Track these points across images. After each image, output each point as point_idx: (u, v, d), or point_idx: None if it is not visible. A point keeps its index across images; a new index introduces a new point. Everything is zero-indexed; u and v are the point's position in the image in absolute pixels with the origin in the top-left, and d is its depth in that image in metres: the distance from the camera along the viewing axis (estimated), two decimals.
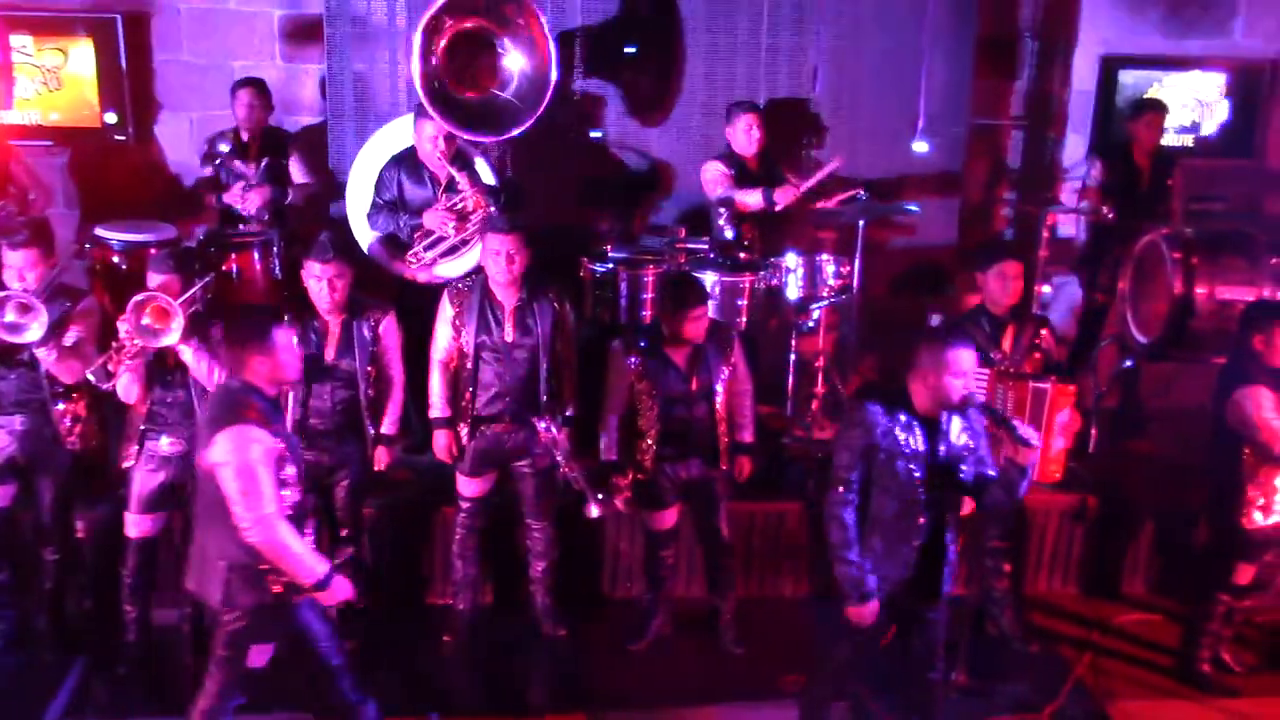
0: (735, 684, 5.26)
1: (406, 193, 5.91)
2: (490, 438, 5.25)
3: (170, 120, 6.88)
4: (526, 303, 5.17)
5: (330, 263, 4.90)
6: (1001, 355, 5.26)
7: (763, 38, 7.01)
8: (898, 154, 6.99)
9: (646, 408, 5.17)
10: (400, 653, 5.44)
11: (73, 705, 5.04)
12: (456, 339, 5.18)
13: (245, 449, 3.89)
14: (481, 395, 5.20)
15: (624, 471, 5.25)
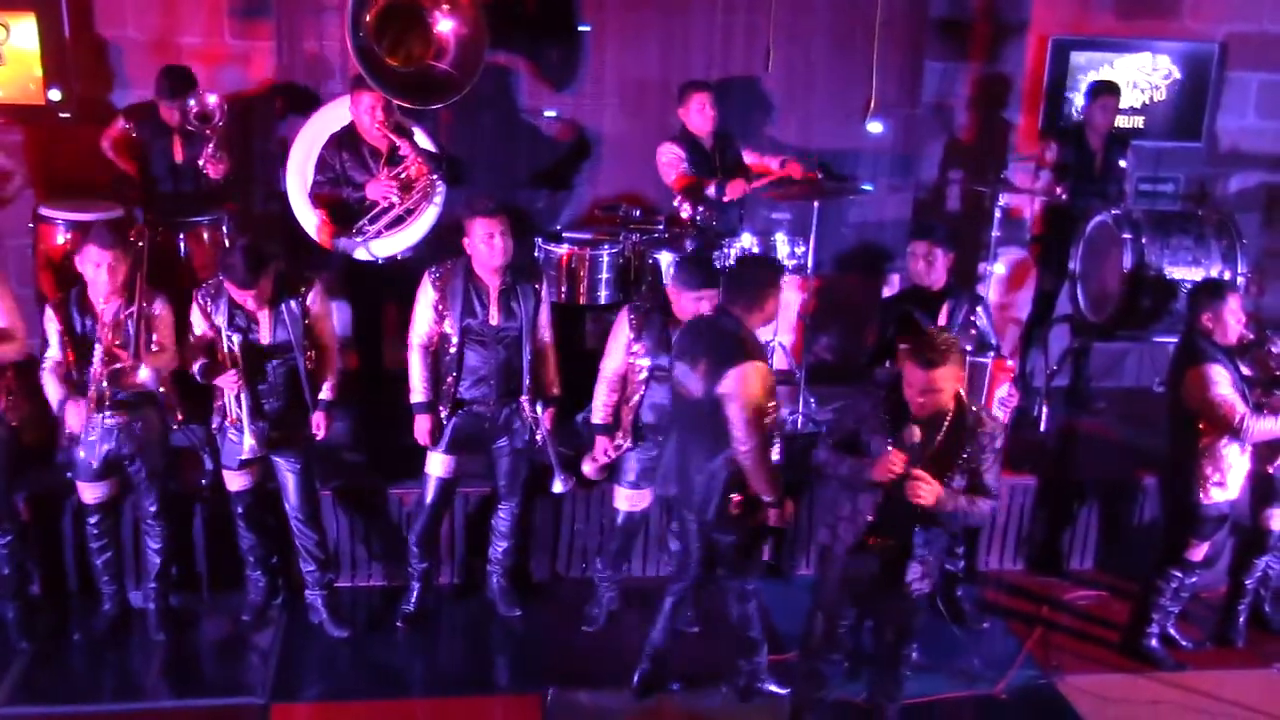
0: (689, 664, 5.27)
1: (349, 170, 5.86)
2: (471, 418, 5.23)
3: (117, 98, 6.75)
4: (510, 286, 5.15)
5: (251, 286, 4.84)
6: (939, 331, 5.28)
7: (717, 17, 6.98)
8: (851, 134, 6.99)
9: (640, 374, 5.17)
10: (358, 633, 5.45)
11: (15, 695, 5.00)
12: (439, 323, 5.14)
13: (753, 384, 4.36)
14: (465, 379, 5.18)
15: (613, 435, 5.25)
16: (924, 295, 5.38)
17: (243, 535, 5.36)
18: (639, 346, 5.16)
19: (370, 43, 5.75)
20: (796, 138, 7.10)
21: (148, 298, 4.95)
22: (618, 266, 6.23)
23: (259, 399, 5.03)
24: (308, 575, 5.42)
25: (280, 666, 5.23)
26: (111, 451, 5.00)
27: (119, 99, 6.66)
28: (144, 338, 4.88)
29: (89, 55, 6.65)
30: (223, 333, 4.95)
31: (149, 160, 6.12)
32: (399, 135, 5.78)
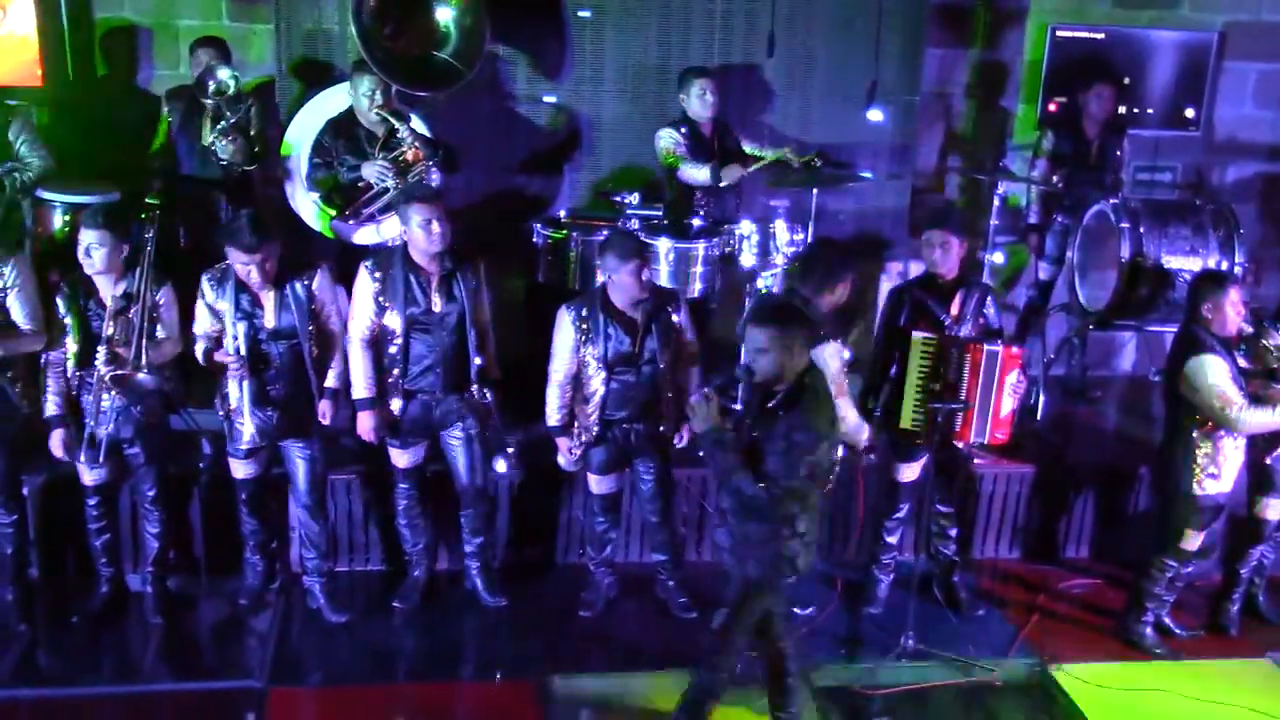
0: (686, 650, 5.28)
1: (344, 154, 5.87)
2: (419, 406, 5.23)
3: (114, 80, 6.72)
4: (451, 271, 5.14)
5: (256, 250, 4.85)
6: (951, 320, 5.29)
7: (717, 3, 6.97)
8: (851, 121, 6.98)
9: (593, 372, 5.16)
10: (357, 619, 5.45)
11: (14, 676, 5.01)
12: (381, 314, 5.12)
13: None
14: (412, 368, 5.17)
15: (571, 434, 5.26)
16: (936, 284, 5.36)
17: (245, 520, 5.36)
18: (587, 346, 5.13)
19: (372, 27, 5.73)
20: (796, 125, 7.09)
21: (152, 285, 4.93)
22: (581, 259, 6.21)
23: (265, 385, 5.02)
24: (308, 562, 5.43)
25: (278, 650, 5.23)
26: (111, 436, 5.00)
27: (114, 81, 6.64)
28: (147, 337, 4.84)
29: (86, 38, 6.61)
30: (228, 316, 4.94)
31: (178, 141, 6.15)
32: (397, 120, 5.77)
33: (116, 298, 4.89)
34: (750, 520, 4.17)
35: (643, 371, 5.17)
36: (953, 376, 5.19)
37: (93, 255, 4.81)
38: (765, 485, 4.02)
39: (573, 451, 5.28)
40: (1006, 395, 5.22)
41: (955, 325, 5.29)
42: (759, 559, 4.22)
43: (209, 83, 5.91)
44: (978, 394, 5.17)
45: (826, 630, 5.50)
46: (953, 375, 5.19)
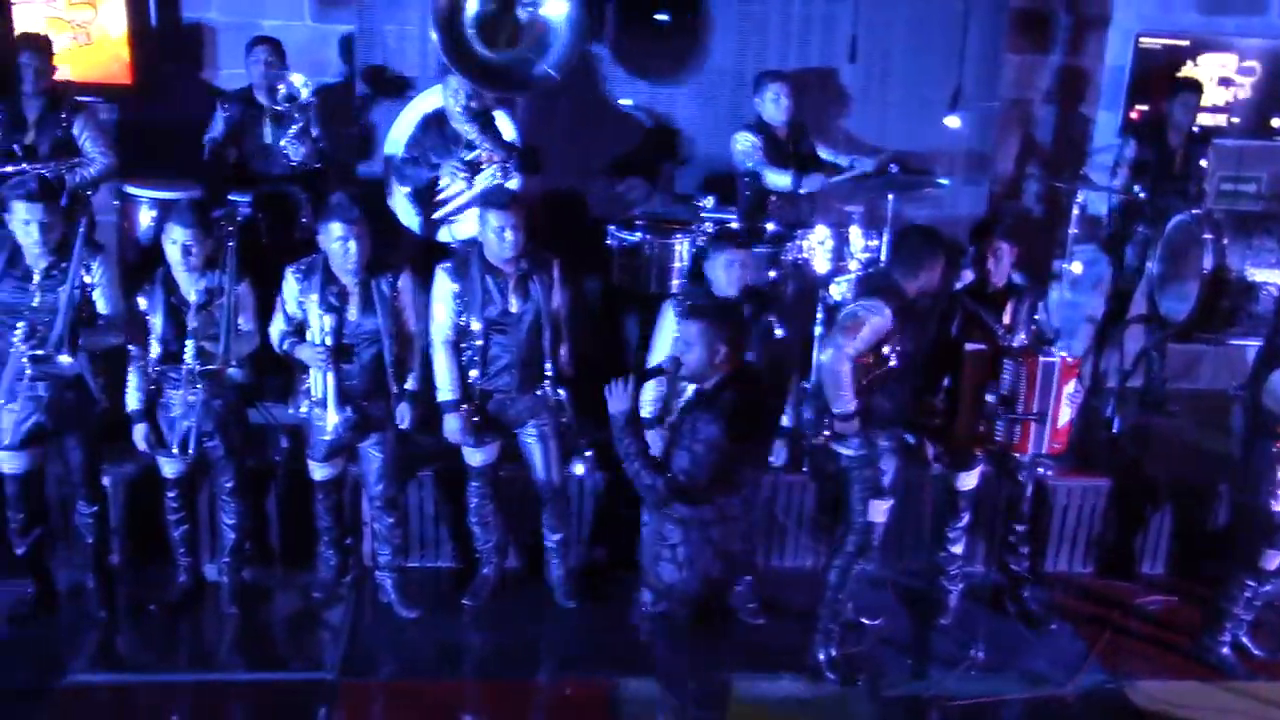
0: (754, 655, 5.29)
1: (430, 153, 5.94)
2: (494, 405, 5.27)
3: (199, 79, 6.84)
4: (527, 272, 5.17)
5: (352, 222, 4.92)
6: (1004, 329, 5.23)
7: (795, 6, 6.95)
8: (929, 127, 6.92)
9: None
10: (428, 615, 5.50)
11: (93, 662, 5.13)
12: (460, 316, 5.16)
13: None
14: (489, 368, 5.21)
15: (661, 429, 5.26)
16: (987, 292, 5.30)
17: (319, 516, 5.44)
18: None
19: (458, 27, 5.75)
20: (872, 130, 7.04)
21: (236, 280, 5.01)
22: (693, 256, 6.22)
23: (345, 381, 5.07)
24: (380, 558, 5.49)
25: (350, 643, 5.30)
26: (192, 428, 5.08)
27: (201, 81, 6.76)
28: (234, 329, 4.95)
29: (173, 36, 6.74)
30: (314, 309, 5.01)
31: (241, 141, 6.22)
32: (479, 121, 5.81)
33: (200, 292, 4.98)
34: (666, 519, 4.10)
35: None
36: (1009, 388, 5.12)
37: (190, 253, 4.89)
38: (667, 479, 3.98)
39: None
40: (1064, 405, 5.15)
41: (1008, 335, 5.23)
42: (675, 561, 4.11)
43: (280, 88, 6.00)
44: (1035, 404, 5.10)
45: (895, 640, 5.47)
46: (1009, 387, 5.12)
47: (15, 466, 5.09)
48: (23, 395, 4.92)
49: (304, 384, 5.15)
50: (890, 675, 5.23)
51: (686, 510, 4.04)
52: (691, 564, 4.07)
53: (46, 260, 4.88)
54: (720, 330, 4.03)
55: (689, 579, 4.09)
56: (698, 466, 3.96)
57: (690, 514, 4.04)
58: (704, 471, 3.96)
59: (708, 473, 3.96)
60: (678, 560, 4.08)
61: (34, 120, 5.80)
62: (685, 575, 4.08)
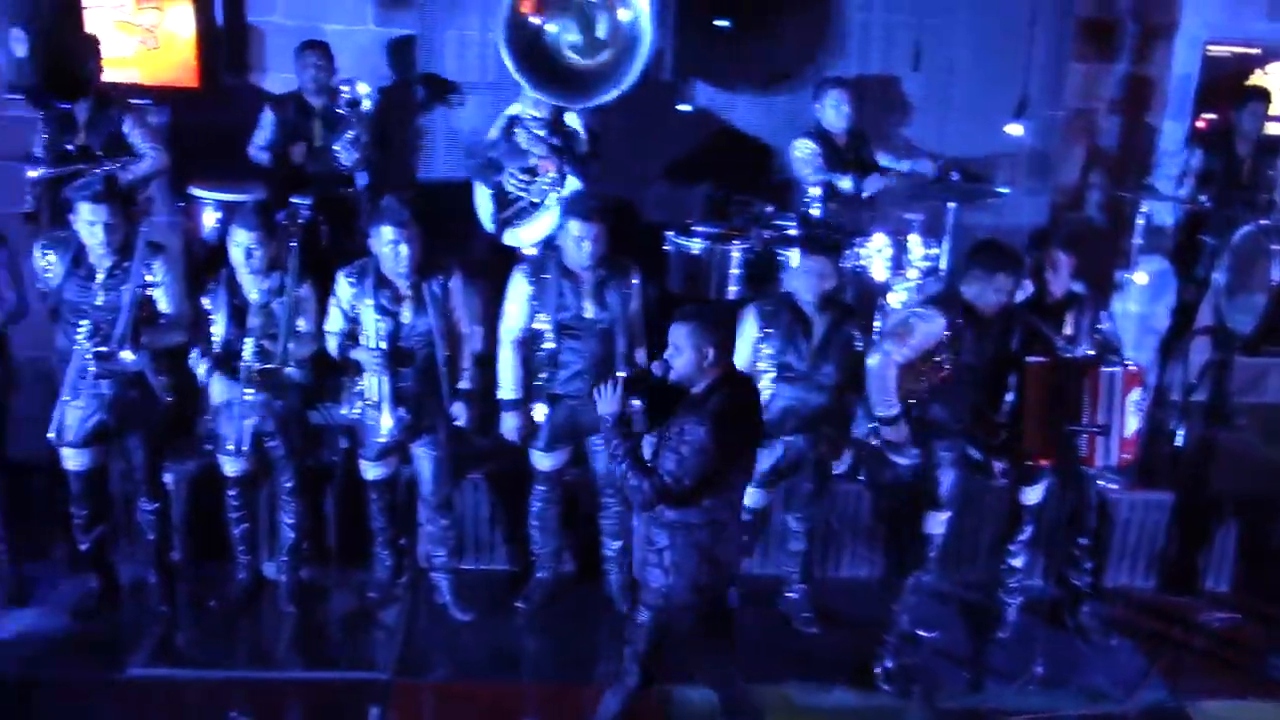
0: (808, 665, 5.27)
1: (505, 157, 6.00)
2: (565, 411, 5.27)
3: (264, 82, 6.91)
4: (605, 279, 5.17)
5: (403, 225, 4.95)
6: (1064, 341, 5.16)
7: (856, 13, 6.92)
8: (991, 135, 6.86)
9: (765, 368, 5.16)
10: (482, 617, 5.51)
11: (154, 657, 5.19)
12: (533, 317, 5.18)
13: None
14: (561, 373, 5.21)
15: None
16: (1046, 303, 5.23)
17: (374, 517, 5.47)
18: (766, 344, 5.15)
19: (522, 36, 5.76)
20: (933, 138, 6.99)
21: (297, 283, 5.06)
22: (748, 262, 6.20)
23: (399, 383, 5.11)
24: (434, 559, 5.52)
25: (404, 644, 5.33)
26: (254, 428, 5.14)
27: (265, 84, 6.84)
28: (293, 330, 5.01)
29: (239, 39, 6.82)
30: (368, 313, 5.04)
31: (291, 144, 6.27)
32: (553, 130, 5.86)
33: (262, 293, 5.04)
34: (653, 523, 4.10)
35: (818, 379, 5.16)
36: (1073, 401, 5.04)
37: (253, 255, 4.95)
38: (653, 481, 3.97)
39: None
40: (1130, 414, 5.07)
41: (1070, 346, 5.16)
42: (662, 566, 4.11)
43: (344, 90, 6.07)
44: (1099, 415, 5.02)
45: (952, 653, 5.41)
46: (1073, 399, 5.04)
47: (79, 463, 5.17)
48: (87, 393, 5.00)
49: (356, 385, 5.18)
50: (946, 687, 5.18)
51: (673, 514, 4.04)
52: (678, 568, 4.08)
53: (110, 260, 4.95)
54: (709, 333, 4.03)
55: (676, 583, 4.09)
56: (684, 469, 3.95)
57: (676, 518, 4.05)
58: (690, 475, 3.95)
59: (694, 476, 3.95)
60: (664, 565, 4.09)
61: (84, 121, 5.88)
62: (672, 580, 4.09)
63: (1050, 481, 5.32)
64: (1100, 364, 5.05)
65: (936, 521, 5.09)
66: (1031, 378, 5.00)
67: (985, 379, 5.07)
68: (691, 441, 3.94)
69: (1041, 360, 5.02)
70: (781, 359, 5.16)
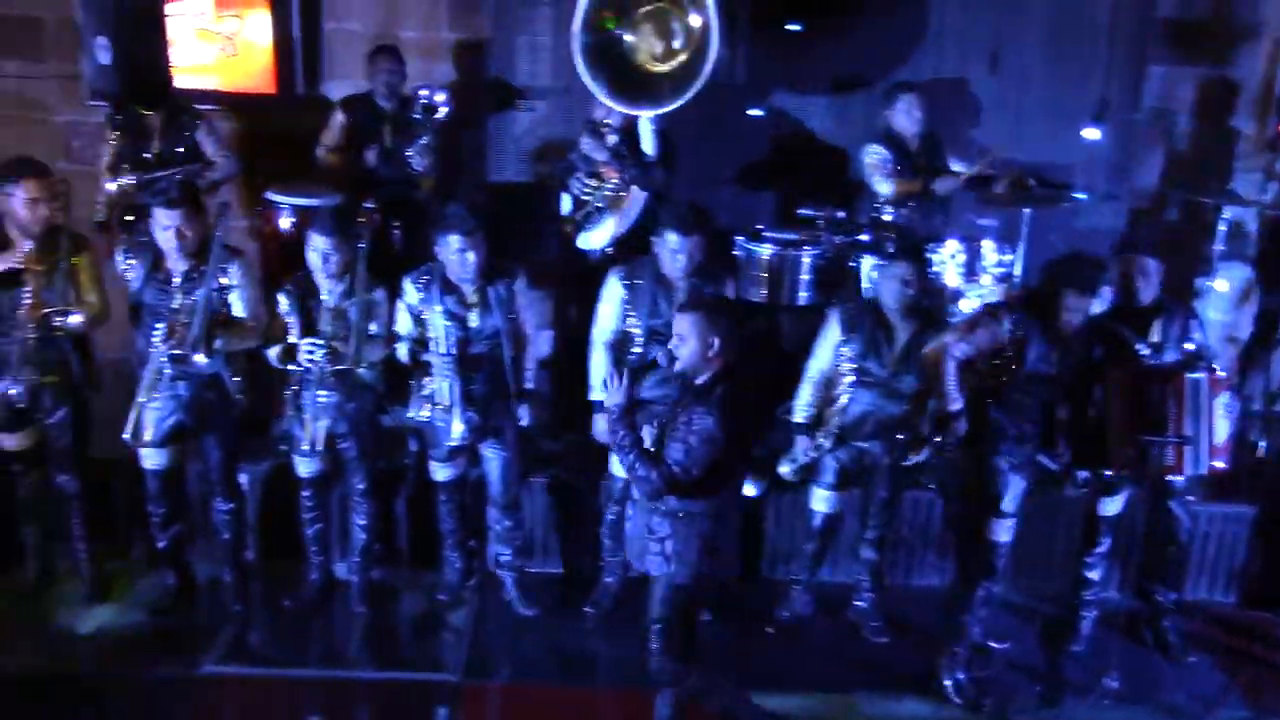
0: (877, 674, 5.22)
1: (577, 159, 6.05)
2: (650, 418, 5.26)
3: (339, 88, 7.00)
4: (698, 288, 5.15)
5: (469, 233, 4.99)
6: (1150, 350, 5.05)
7: (930, 15, 6.86)
8: (1066, 139, 6.75)
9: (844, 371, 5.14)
10: (549, 619, 5.54)
11: (227, 654, 5.27)
12: (625, 322, 5.19)
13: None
14: (650, 378, 5.19)
15: (813, 435, 5.23)
16: (1131, 312, 5.10)
17: (444, 519, 5.51)
18: (847, 348, 5.10)
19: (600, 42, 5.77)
20: (1007, 142, 6.86)
21: (368, 286, 5.12)
22: (819, 268, 6.17)
23: (468, 386, 5.14)
24: (501, 558, 5.55)
25: (473, 646, 5.35)
26: (327, 430, 5.20)
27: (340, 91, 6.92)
28: (361, 336, 5.06)
29: (315, 46, 6.91)
30: (435, 317, 5.08)
31: (362, 148, 6.33)
32: (617, 134, 5.88)
33: (336, 296, 5.10)
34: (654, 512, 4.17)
35: (897, 387, 5.12)
36: (1157, 409, 4.92)
37: (329, 260, 5.01)
38: (661, 470, 4.02)
39: (808, 454, 5.24)
40: (1220, 420, 4.93)
41: (1155, 354, 5.05)
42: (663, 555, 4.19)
43: (422, 94, 6.12)
44: (1185, 424, 4.89)
45: (1024, 666, 5.33)
46: (1157, 408, 4.92)
47: (157, 463, 5.27)
48: (164, 394, 5.09)
49: (424, 388, 5.22)
50: (1019, 700, 5.09)
51: (677, 503, 4.11)
52: (680, 557, 4.17)
53: (186, 264, 5.04)
54: (713, 324, 4.08)
55: (678, 572, 4.19)
56: (692, 459, 4.01)
57: (680, 506, 4.12)
58: (698, 465, 4.02)
59: (702, 466, 4.02)
60: (665, 553, 4.17)
61: (158, 128, 5.97)
62: (674, 569, 4.18)
63: (1130, 493, 5.21)
64: (1185, 371, 4.93)
65: (1002, 529, 5.01)
66: (1115, 386, 4.89)
67: (1062, 388, 4.98)
68: (700, 431, 4.01)
69: (1125, 368, 4.92)
70: (862, 364, 5.13)
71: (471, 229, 4.99)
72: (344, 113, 6.39)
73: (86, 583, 5.54)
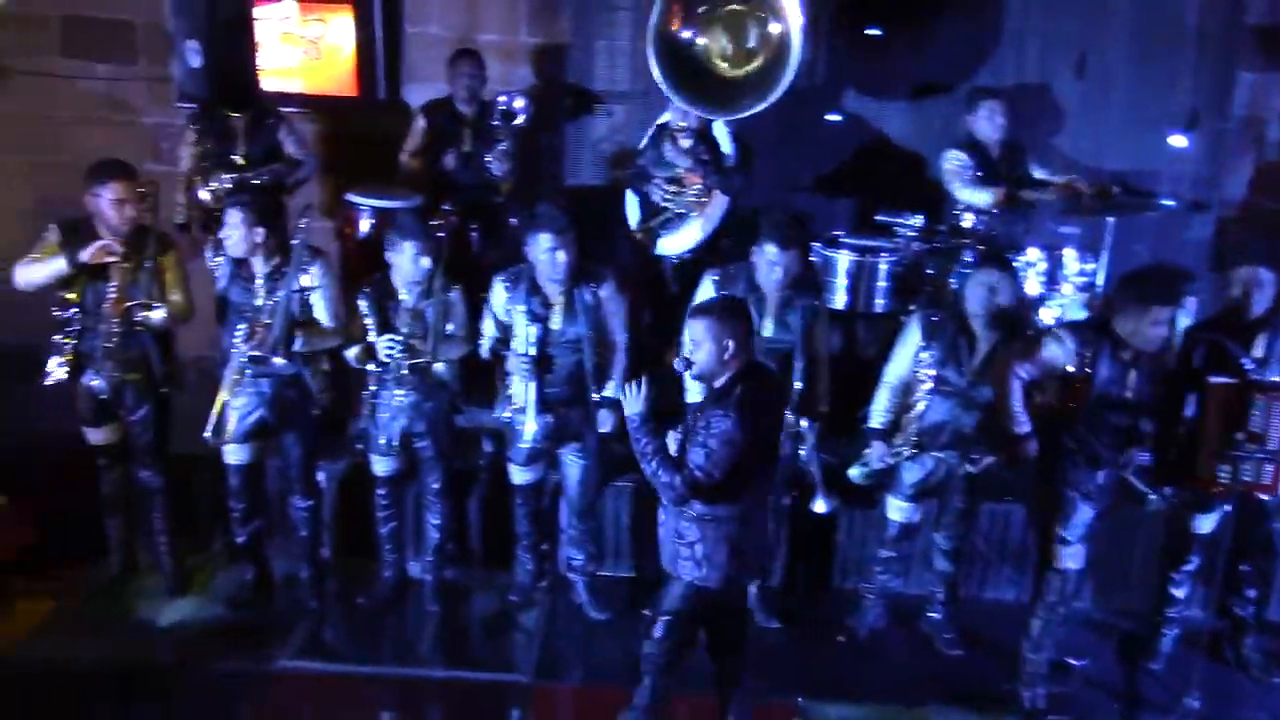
0: (953, 688, 5.16)
1: (651, 165, 6.04)
2: None
3: (419, 91, 7.07)
4: (790, 299, 5.13)
5: (560, 232, 5.00)
6: (1255, 364, 4.91)
7: (1013, 20, 6.76)
8: (1152, 147, 6.63)
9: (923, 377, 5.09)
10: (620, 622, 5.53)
11: (302, 650, 5.34)
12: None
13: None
14: None
15: (890, 441, 5.18)
16: (1238, 323, 4.95)
17: (518, 520, 5.53)
18: (927, 355, 5.06)
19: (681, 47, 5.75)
20: (1091, 149, 6.79)
21: (446, 287, 5.16)
22: (896, 275, 6.11)
23: (547, 388, 5.15)
24: (573, 561, 5.56)
25: (544, 648, 5.37)
26: (403, 429, 5.25)
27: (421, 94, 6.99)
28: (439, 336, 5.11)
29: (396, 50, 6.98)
30: (520, 318, 5.11)
31: (442, 152, 6.39)
32: (692, 140, 5.85)
33: (415, 296, 5.15)
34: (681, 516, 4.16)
35: (974, 397, 5.06)
36: (1258, 425, 4.79)
37: (413, 263, 5.05)
38: (684, 475, 4.02)
39: (884, 460, 5.19)
40: None
41: (1260, 369, 4.91)
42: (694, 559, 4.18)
43: (501, 100, 6.17)
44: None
45: (1103, 683, 5.24)
46: (1258, 423, 4.79)
47: (238, 458, 5.36)
48: (247, 390, 5.18)
49: (507, 389, 5.25)
50: (1096, 718, 5.01)
51: (703, 507, 4.10)
52: (710, 560, 4.16)
53: (268, 264, 5.13)
54: (727, 326, 4.06)
55: (709, 575, 4.19)
56: (713, 463, 4.00)
57: (706, 511, 4.11)
58: (719, 468, 4.00)
59: (723, 469, 4.00)
60: (696, 558, 4.17)
61: (243, 130, 6.07)
62: (705, 572, 4.18)
63: (1224, 511, 5.08)
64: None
65: (1067, 555, 4.87)
66: (1214, 399, 4.69)
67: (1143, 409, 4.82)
68: (719, 434, 3.99)
69: (1226, 380, 4.72)
70: (940, 371, 5.06)
71: (563, 228, 5.01)
72: (425, 117, 6.44)
73: (167, 577, 5.65)
